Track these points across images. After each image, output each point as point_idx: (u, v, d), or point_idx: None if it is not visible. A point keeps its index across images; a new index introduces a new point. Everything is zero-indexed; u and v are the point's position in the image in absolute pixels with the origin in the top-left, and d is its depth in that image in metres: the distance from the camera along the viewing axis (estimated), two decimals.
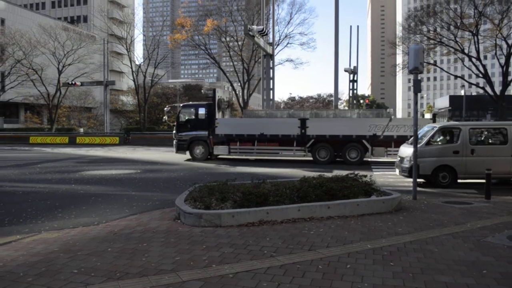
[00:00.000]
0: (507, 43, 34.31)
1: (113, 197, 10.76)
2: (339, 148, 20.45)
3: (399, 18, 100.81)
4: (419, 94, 10.16)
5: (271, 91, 26.46)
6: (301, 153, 21.03)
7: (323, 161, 20.48)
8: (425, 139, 12.85)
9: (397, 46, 40.91)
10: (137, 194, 11.23)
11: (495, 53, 36.36)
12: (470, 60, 36.84)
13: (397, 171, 13.47)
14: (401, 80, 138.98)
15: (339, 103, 46.92)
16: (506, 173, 12.71)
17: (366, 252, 5.50)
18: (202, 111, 22.46)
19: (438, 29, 37.54)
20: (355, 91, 38.10)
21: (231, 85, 53.15)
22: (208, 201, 7.53)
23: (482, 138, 13.45)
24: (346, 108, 50.90)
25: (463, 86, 45.96)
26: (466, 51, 36.74)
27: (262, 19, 28.88)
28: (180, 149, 22.69)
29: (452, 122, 17.76)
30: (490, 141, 13.40)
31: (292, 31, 45.74)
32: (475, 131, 13.31)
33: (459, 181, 12.80)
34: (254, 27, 23.50)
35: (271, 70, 26.43)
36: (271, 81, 26.44)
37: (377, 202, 8.24)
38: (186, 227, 6.95)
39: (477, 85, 40.53)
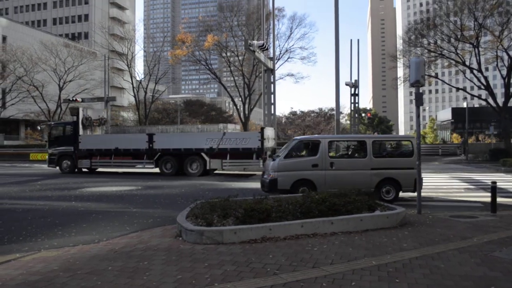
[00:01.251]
0: (508, 54, 34.38)
1: (114, 214, 10.66)
2: (182, 160, 22.49)
3: (399, 31, 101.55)
4: (421, 107, 10.11)
5: (272, 106, 26.39)
6: (150, 166, 23.13)
7: (168, 173, 22.53)
8: (284, 152, 12.40)
9: (397, 59, 41.06)
10: (138, 211, 11.13)
11: (497, 65, 36.43)
12: (472, 72, 36.90)
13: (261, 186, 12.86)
14: (402, 93, 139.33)
15: (340, 117, 46.94)
16: (366, 187, 11.79)
17: (371, 269, 5.39)
18: (69, 129, 24.77)
19: (439, 42, 37.69)
20: (356, 105, 38.09)
21: (232, 100, 53.28)
22: (210, 218, 7.44)
23: (342, 151, 13.27)
24: (348, 122, 50.92)
25: (465, 98, 45.97)
26: (467, 63, 36.82)
27: (263, 34, 29.03)
28: (51, 163, 25.05)
29: (313, 135, 18.78)
30: (350, 154, 13.16)
31: (293, 45, 46.18)
32: (335, 144, 13.18)
33: None
34: (255, 42, 23.60)
35: (272, 85, 26.41)
36: (272, 95, 26.39)
37: (381, 217, 8.13)
38: (187, 244, 6.84)
39: (479, 97, 40.53)
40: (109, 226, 9.09)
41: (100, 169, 25.29)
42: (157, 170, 23.17)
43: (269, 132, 22.99)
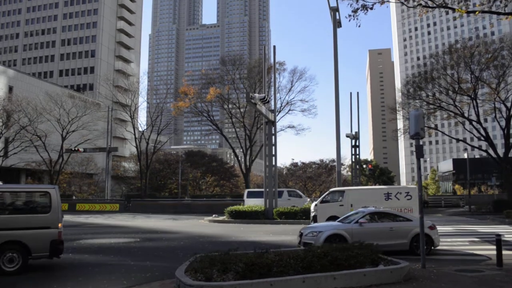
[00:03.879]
0: (506, 106, 34.83)
1: (111, 267, 10.42)
2: None
3: (398, 84, 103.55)
4: (422, 158, 10.11)
5: (273, 158, 26.45)
6: None
7: None
8: None
9: (397, 111, 41.59)
10: (136, 264, 10.88)
11: (495, 116, 36.80)
12: (471, 123, 37.23)
13: None
14: (403, 144, 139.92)
15: (342, 168, 46.84)
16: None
17: None
18: None
19: (437, 94, 38.31)
20: (357, 156, 38.23)
21: (233, 151, 53.52)
22: (210, 273, 7.24)
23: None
24: (350, 173, 50.79)
25: (465, 149, 46.14)
26: (466, 114, 37.22)
27: (264, 87, 29.52)
28: None
29: None
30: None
31: (293, 98, 46.59)
32: None
33: None
34: (256, 95, 23.99)
35: (273, 137, 26.59)
36: (273, 147, 26.51)
37: (385, 272, 7.92)
38: None
39: (479, 148, 40.69)
40: (105, 279, 8.86)
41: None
42: None
43: None
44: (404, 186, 19.84)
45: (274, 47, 29.22)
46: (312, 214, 21.01)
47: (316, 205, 20.93)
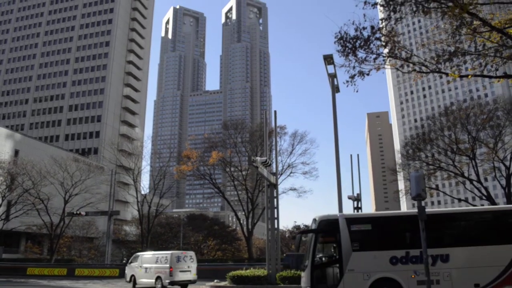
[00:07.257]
0: (505, 165, 35.12)
1: None
2: None
3: (397, 146, 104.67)
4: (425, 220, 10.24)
5: (276, 220, 26.28)
6: None
7: None
8: None
9: (397, 173, 41.83)
10: None
11: (495, 175, 36.97)
12: (471, 183, 37.34)
13: None
14: (405, 205, 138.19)
15: None
16: None
17: None
18: None
19: (436, 155, 38.77)
20: None
21: (235, 214, 53.15)
22: None
23: None
24: None
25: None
26: (466, 174, 37.41)
27: (265, 151, 29.92)
28: None
29: None
30: None
31: (295, 161, 46.78)
32: None
33: None
34: (258, 158, 24.30)
35: (275, 200, 26.57)
36: (275, 210, 26.39)
37: None
38: None
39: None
40: None
41: None
42: None
43: None
44: (165, 252, 25.01)
45: (275, 112, 29.93)
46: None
47: (126, 265, 26.92)
